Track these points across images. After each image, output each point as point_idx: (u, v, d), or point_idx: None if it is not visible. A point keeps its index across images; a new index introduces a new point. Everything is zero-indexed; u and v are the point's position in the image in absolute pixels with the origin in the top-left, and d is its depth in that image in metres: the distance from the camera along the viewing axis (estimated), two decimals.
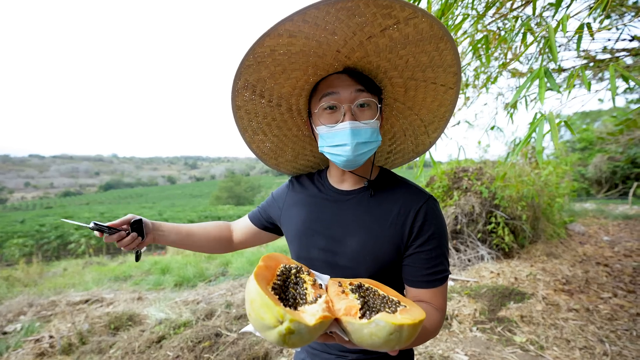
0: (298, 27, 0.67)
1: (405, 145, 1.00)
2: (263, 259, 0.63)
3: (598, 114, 18.87)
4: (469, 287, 3.66)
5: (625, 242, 6.27)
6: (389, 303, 0.58)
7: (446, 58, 0.74)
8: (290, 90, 0.85)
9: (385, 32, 0.69)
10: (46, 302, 4.10)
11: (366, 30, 0.68)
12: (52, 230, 16.22)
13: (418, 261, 0.79)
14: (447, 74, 0.78)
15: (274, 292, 0.55)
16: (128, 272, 7.00)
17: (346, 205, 0.86)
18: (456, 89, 0.80)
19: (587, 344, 2.53)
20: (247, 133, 0.93)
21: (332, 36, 0.70)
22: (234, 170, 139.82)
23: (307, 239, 0.88)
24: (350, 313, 0.54)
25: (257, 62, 0.74)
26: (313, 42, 0.71)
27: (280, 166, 1.05)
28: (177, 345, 2.51)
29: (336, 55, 0.75)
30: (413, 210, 0.79)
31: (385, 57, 0.76)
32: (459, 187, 5.12)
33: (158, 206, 40.88)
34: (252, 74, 0.78)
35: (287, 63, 0.76)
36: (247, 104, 0.85)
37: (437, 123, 0.90)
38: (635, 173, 14.45)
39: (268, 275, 0.59)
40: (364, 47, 0.73)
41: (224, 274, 6.05)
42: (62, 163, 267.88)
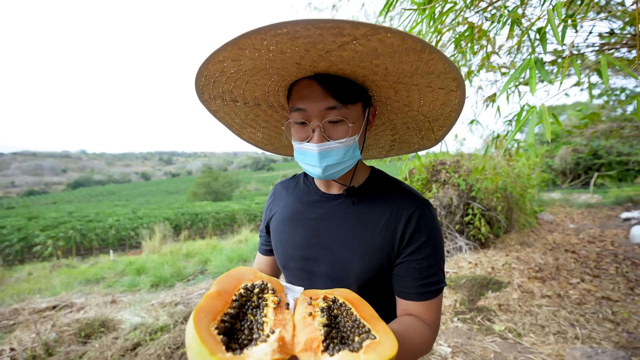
0: (237, 54, 0.60)
1: (409, 137, 0.90)
2: (218, 281, 0.54)
3: (563, 108, 19.91)
4: (449, 278, 3.74)
5: (588, 229, 6.67)
6: (357, 330, 0.51)
7: (436, 67, 0.61)
8: (263, 94, 0.78)
9: (345, 47, 0.58)
10: (7, 310, 3.81)
11: (320, 47, 0.58)
12: (14, 232, 15.15)
13: (409, 271, 0.73)
14: (443, 79, 0.65)
15: (223, 324, 0.47)
16: (100, 273, 6.68)
17: (333, 211, 0.80)
18: (461, 91, 0.67)
19: (560, 329, 2.65)
20: (234, 128, 0.88)
21: (283, 55, 0.61)
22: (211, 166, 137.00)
23: (292, 248, 0.82)
24: (311, 347, 0.46)
25: (212, 81, 0.69)
26: (264, 61, 0.63)
27: (279, 150, 1.00)
28: (153, 352, 2.39)
29: (298, 67, 0.66)
30: (405, 215, 0.73)
31: (357, 65, 0.64)
32: (437, 179, 5.22)
33: (132, 204, 39.34)
34: (213, 89, 0.72)
35: (247, 76, 0.70)
36: (222, 108, 0.80)
37: (443, 121, 0.77)
38: (597, 164, 15.41)
39: (218, 304, 0.49)
40: (326, 59, 0.63)
41: (202, 272, 5.89)
42: (23, 160, 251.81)
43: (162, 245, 9.51)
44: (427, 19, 1.11)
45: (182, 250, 8.43)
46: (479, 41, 1.61)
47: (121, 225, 17.34)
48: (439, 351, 2.36)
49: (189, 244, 9.97)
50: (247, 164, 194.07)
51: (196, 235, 16.34)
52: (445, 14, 1.07)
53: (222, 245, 9.00)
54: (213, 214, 20.41)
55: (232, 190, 48.30)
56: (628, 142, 11.47)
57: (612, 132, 7.76)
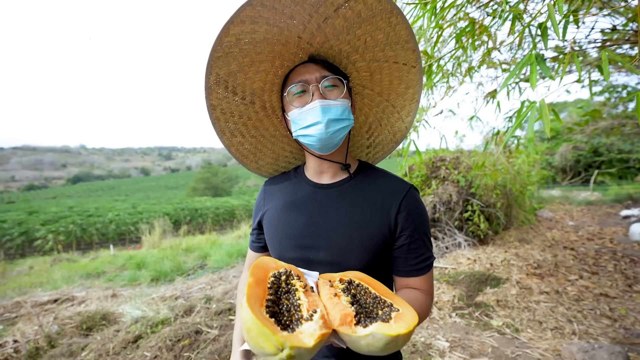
0: (258, 12, 0.69)
1: (383, 135, 1.00)
2: (251, 272, 0.62)
3: (564, 105, 19.85)
4: (447, 274, 3.77)
5: (587, 226, 6.69)
6: (380, 304, 0.60)
7: (400, 33, 0.76)
8: (262, 85, 0.86)
9: (339, 12, 0.71)
10: (10, 303, 3.84)
11: (321, 11, 0.71)
12: (15, 227, 15.18)
13: (406, 252, 0.80)
14: (405, 51, 0.79)
15: (268, 310, 0.54)
16: (101, 268, 6.72)
17: (327, 199, 0.84)
18: (418, 67, 0.82)
19: (558, 325, 2.67)
20: (225, 135, 0.92)
21: (291, 20, 0.72)
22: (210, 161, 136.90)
23: (288, 239, 0.84)
24: (346, 322, 0.55)
25: (226, 52, 0.75)
26: (275, 29, 0.73)
27: (261, 169, 1.05)
28: (154, 344, 2.41)
29: (298, 43, 0.78)
30: (396, 200, 0.80)
31: (345, 39, 0.78)
32: (436, 176, 5.22)
33: (131, 199, 39.36)
34: (222, 67, 0.78)
35: (254, 54, 0.78)
36: (221, 102, 0.86)
37: (409, 106, 0.91)
38: (597, 162, 15.40)
39: (260, 292, 0.58)
40: (322, 31, 0.75)
41: (202, 267, 5.92)
42: (23, 155, 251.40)
43: (162, 240, 9.55)
44: (429, 14, 1.11)
45: (181, 245, 8.46)
46: (480, 37, 1.60)
47: (121, 220, 17.37)
48: (437, 345, 2.38)
49: (188, 239, 10.00)
50: None
51: (195, 230, 16.37)
52: (446, 9, 1.07)
53: (221, 241, 9.02)
54: (212, 210, 20.43)
55: (232, 186, 48.29)
56: (629, 139, 11.46)
57: (613, 130, 7.75)
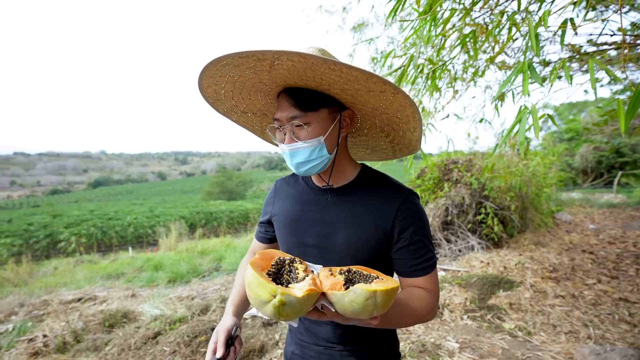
0: (212, 80, 0.80)
1: (400, 138, 0.95)
2: (259, 253, 0.70)
3: (584, 104, 19.20)
4: (459, 277, 3.75)
5: (609, 229, 6.47)
6: (368, 278, 0.67)
7: (354, 75, 0.67)
8: (262, 106, 0.93)
9: (274, 67, 0.71)
10: (38, 301, 4.06)
11: (259, 69, 0.73)
12: (40, 229, 15.88)
13: (407, 253, 0.84)
14: (374, 84, 0.70)
15: (269, 276, 0.62)
16: (120, 269, 6.96)
17: (330, 203, 0.90)
18: (402, 94, 0.71)
19: (573, 329, 2.63)
20: (258, 134, 1.05)
21: (242, 77, 0.79)
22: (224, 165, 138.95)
23: (294, 237, 0.93)
24: (335, 288, 0.61)
25: (215, 100, 0.87)
26: (237, 83, 0.81)
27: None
28: (173, 340, 2.52)
29: (264, 84, 0.82)
30: (394, 206, 0.84)
31: (300, 78, 0.75)
32: (449, 178, 5.19)
33: (149, 202, 40.39)
34: (222, 106, 0.90)
35: (237, 94, 0.86)
36: (239, 119, 0.97)
37: (413, 122, 0.83)
38: (620, 162, 14.83)
39: (263, 264, 0.65)
40: (276, 76, 0.76)
41: (217, 269, 6.05)
42: (48, 160, 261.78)
43: (178, 243, 9.79)
44: (429, 24, 1.17)
45: (197, 247, 8.65)
46: (485, 41, 1.64)
47: (139, 223, 17.89)
48: (447, 346, 2.39)
49: (203, 241, 10.22)
50: (260, 164, 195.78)
51: (210, 233, 16.69)
52: (445, 21, 1.11)
53: (235, 244, 9.18)
54: (227, 213, 20.78)
55: (246, 190, 48.86)
56: None
57: (635, 130, 7.47)
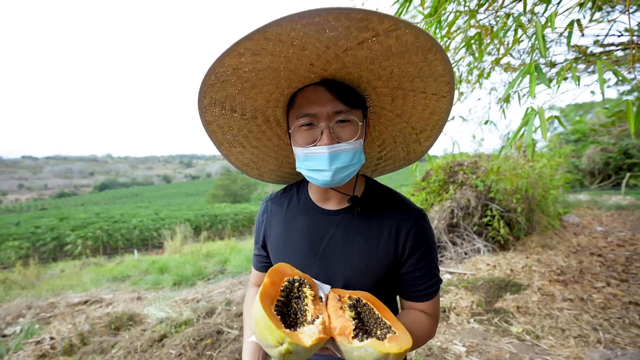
0: (260, 45, 0.59)
1: (396, 152, 0.93)
2: (269, 274, 0.67)
3: (591, 105, 18.99)
4: (465, 280, 3.71)
5: (618, 232, 6.37)
6: (380, 325, 0.63)
7: (437, 68, 0.67)
8: (264, 103, 0.78)
9: (363, 45, 0.61)
10: (45, 304, 4.09)
11: (341, 43, 0.61)
12: (47, 232, 16.06)
13: (413, 279, 0.80)
14: (438, 84, 0.71)
15: (277, 309, 0.60)
16: (126, 272, 7.00)
17: (334, 227, 0.81)
18: (450, 97, 0.73)
19: (582, 333, 2.59)
20: (223, 146, 0.84)
21: (302, 51, 0.62)
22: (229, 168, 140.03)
23: (295, 267, 0.82)
24: (344, 333, 0.59)
25: (221, 80, 0.67)
26: (281, 58, 0.64)
27: (264, 176, 0.98)
28: (179, 343, 2.53)
29: (310, 69, 0.68)
30: (404, 229, 0.78)
31: (367, 68, 0.68)
32: (454, 181, 5.16)
33: (154, 205, 40.69)
34: (218, 92, 0.71)
35: (256, 79, 0.69)
36: (217, 119, 0.78)
37: (430, 131, 0.82)
38: (628, 164, 14.63)
39: (272, 292, 0.63)
40: (340, 60, 0.65)
41: (222, 272, 6.06)
42: (55, 164, 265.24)
43: (183, 246, 9.84)
44: (435, 25, 1.17)
45: (202, 250, 8.68)
46: (490, 43, 1.63)
47: (144, 226, 18.02)
48: (454, 350, 2.37)
49: (208, 244, 10.26)
50: None
51: (215, 236, 16.75)
52: (450, 23, 1.11)
53: (240, 246, 9.20)
54: (232, 216, 20.85)
55: (250, 192, 49.02)
56: None
57: None
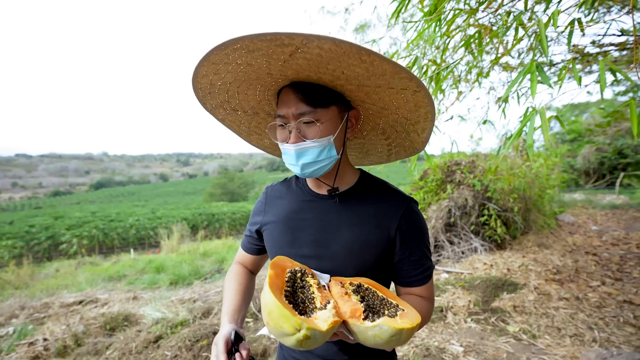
0: (214, 68, 0.70)
1: (401, 140, 0.92)
2: (271, 266, 0.68)
3: (586, 105, 19.11)
4: (463, 279, 3.72)
5: (612, 231, 6.43)
6: (387, 305, 0.65)
7: (383, 67, 0.63)
8: (257, 103, 0.86)
9: (295, 56, 0.63)
10: (39, 304, 4.04)
11: (275, 57, 0.65)
12: (42, 231, 15.88)
13: (408, 264, 0.83)
14: (399, 80, 0.66)
15: (286, 299, 0.61)
16: (122, 271, 6.96)
17: (328, 210, 0.85)
18: (424, 92, 0.68)
19: (577, 332, 2.60)
20: (243, 135, 0.96)
21: (251, 67, 0.70)
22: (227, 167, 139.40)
23: (289, 248, 0.86)
24: (355, 315, 0.61)
25: (207, 92, 0.78)
26: (239, 73, 0.72)
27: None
28: (174, 344, 2.50)
29: (271, 76, 0.74)
30: (396, 215, 0.81)
31: (318, 71, 0.68)
32: (452, 180, 5.17)
33: (151, 204, 40.47)
34: (211, 101, 0.82)
35: (234, 88, 0.78)
36: (226, 117, 0.89)
37: (423, 123, 0.80)
38: (622, 164, 14.76)
39: (279, 283, 0.64)
40: (289, 68, 0.68)
41: (219, 271, 6.05)
42: (50, 162, 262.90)
43: (180, 245, 9.80)
44: (434, 24, 1.15)
45: (199, 249, 8.65)
46: (489, 42, 1.62)
47: (141, 225, 17.91)
48: (451, 350, 2.36)
49: (205, 243, 10.22)
50: (262, 165, 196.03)
51: (212, 235, 16.70)
52: (450, 22, 1.10)
53: (237, 245, 9.15)
54: (229, 214, 20.79)
55: (248, 191, 48.92)
56: None
57: None
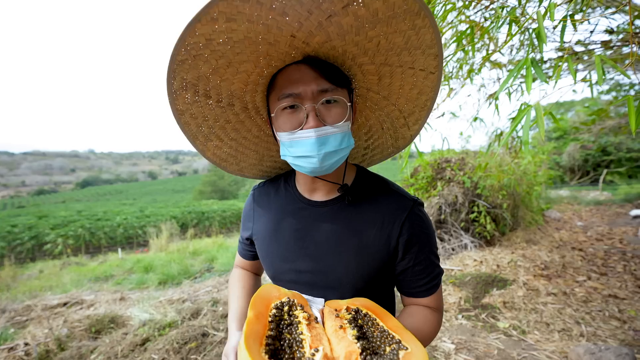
0: (236, 8, 0.52)
1: (384, 139, 0.88)
2: (252, 305, 0.59)
3: (571, 104, 19.57)
4: (453, 276, 3.75)
5: (596, 226, 6.59)
6: (388, 340, 0.56)
7: (425, 38, 0.61)
8: (242, 86, 0.70)
9: (348, 9, 0.54)
10: (20, 307, 3.91)
11: (324, 7, 0.54)
12: (25, 231, 15.43)
13: (414, 274, 0.74)
14: (426, 57, 0.65)
15: (267, 347, 0.51)
16: (109, 271, 6.81)
17: (322, 220, 0.75)
18: (438, 74, 0.68)
19: (565, 327, 2.64)
20: (198, 140, 0.77)
21: (283, 17, 0.55)
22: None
23: (282, 262, 0.77)
24: (351, 359, 0.51)
25: (192, 55, 0.59)
26: (259, 26, 0.56)
27: (244, 171, 0.91)
28: (162, 347, 2.44)
29: (291, 42, 0.61)
30: (399, 221, 0.71)
31: (352, 40, 0.61)
32: (442, 177, 5.20)
33: (139, 202, 39.81)
34: (189, 71, 0.62)
35: (231, 54, 0.61)
36: (190, 107, 0.70)
37: (418, 113, 0.77)
38: (606, 161, 15.17)
39: (260, 328, 0.54)
40: (324, 30, 0.58)
41: (209, 270, 5.97)
42: (34, 160, 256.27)
43: (169, 244, 9.64)
44: None
45: (188, 248, 8.53)
46: (480, 39, 1.61)
47: (129, 224, 17.58)
48: (443, 347, 2.37)
49: (195, 242, 10.09)
50: None
51: (202, 233, 16.51)
52: (442, 17, 1.08)
53: (228, 244, 9.09)
54: (219, 212, 20.57)
55: (238, 189, 48.56)
56: (638, 138, 11.27)
57: (620, 129, 7.64)
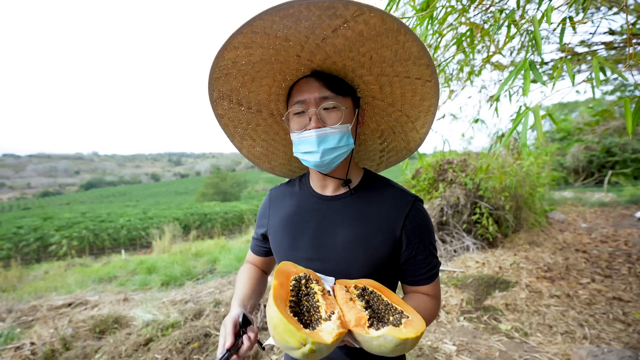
0: (250, 39, 0.68)
1: (397, 142, 0.97)
2: (275, 275, 0.69)
3: (575, 104, 19.47)
4: (455, 278, 3.74)
5: (601, 228, 6.54)
6: (392, 311, 0.65)
7: (411, 50, 0.70)
8: (266, 96, 0.86)
9: (337, 32, 0.67)
10: (26, 307, 3.95)
11: (317, 32, 0.67)
12: (31, 232, 15.56)
13: (415, 264, 0.82)
14: (418, 67, 0.73)
15: (291, 309, 0.61)
16: (113, 272, 6.85)
17: (332, 211, 0.84)
18: (434, 81, 0.76)
19: (568, 329, 2.63)
20: (236, 139, 0.94)
21: (287, 42, 0.70)
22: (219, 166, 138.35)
23: (295, 251, 0.86)
24: (360, 324, 0.61)
25: (224, 74, 0.76)
26: (270, 50, 0.72)
27: (275, 169, 1.06)
28: (165, 347, 2.46)
29: (298, 60, 0.76)
30: (401, 215, 0.80)
31: (347, 56, 0.74)
32: (444, 179, 5.20)
33: (142, 204, 39.96)
34: (223, 85, 0.80)
35: (254, 72, 0.78)
36: (227, 112, 0.87)
37: (424, 118, 0.85)
38: (610, 162, 15.06)
39: (284, 293, 0.64)
40: (322, 49, 0.72)
41: (211, 271, 5.98)
42: (39, 162, 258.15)
43: (172, 245, 9.67)
44: (427, 20, 1.14)
45: (191, 249, 8.56)
46: (481, 41, 1.62)
47: (132, 226, 17.67)
48: (444, 349, 2.37)
49: (197, 243, 10.11)
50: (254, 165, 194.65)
51: (205, 235, 16.54)
52: (442, 20, 1.09)
53: (230, 245, 9.10)
54: (221, 214, 20.63)
55: (240, 191, 48.60)
56: None
57: (625, 130, 7.58)
